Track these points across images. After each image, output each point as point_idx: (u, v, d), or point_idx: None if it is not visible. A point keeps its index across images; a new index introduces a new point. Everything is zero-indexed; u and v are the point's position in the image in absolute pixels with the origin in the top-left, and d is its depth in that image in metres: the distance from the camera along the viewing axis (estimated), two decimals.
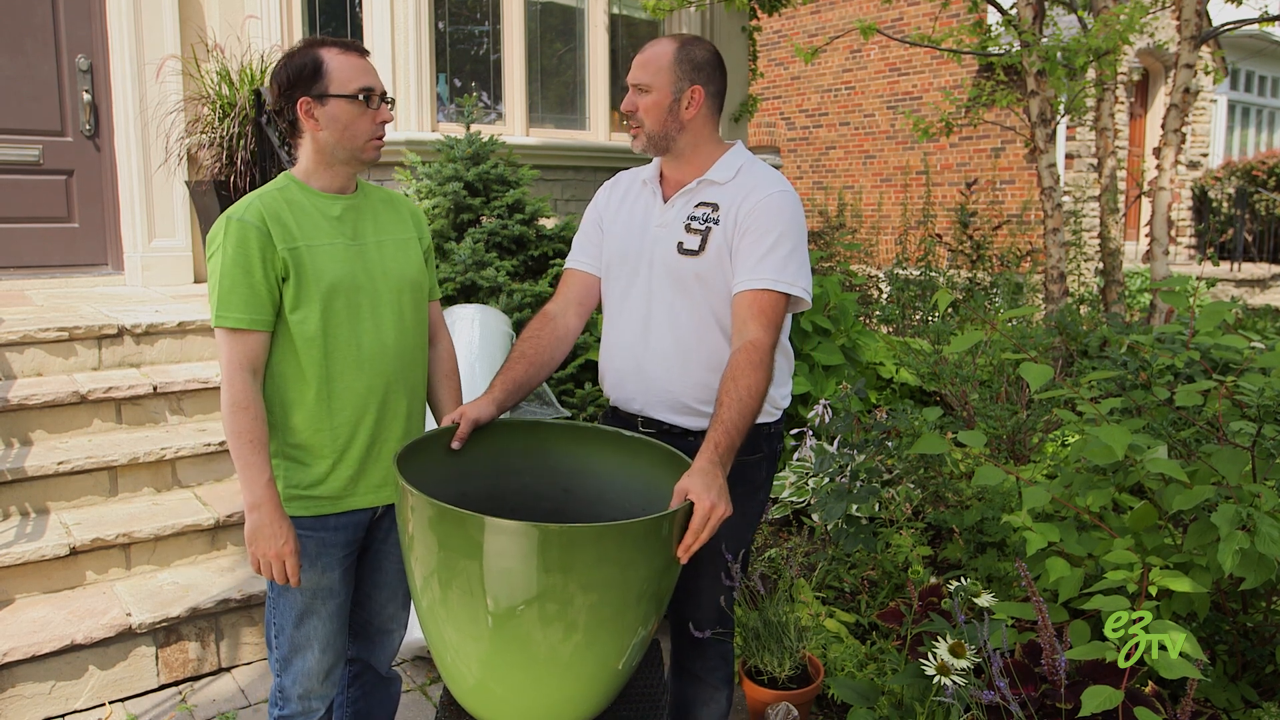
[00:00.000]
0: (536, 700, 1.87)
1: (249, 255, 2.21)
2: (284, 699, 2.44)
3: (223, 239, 2.22)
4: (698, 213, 2.41)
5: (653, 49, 2.42)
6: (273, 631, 2.41)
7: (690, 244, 2.39)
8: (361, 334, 2.35)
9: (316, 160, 2.36)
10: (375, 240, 2.42)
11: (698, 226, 2.40)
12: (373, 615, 2.60)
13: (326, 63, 2.29)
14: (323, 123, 2.30)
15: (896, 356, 5.91)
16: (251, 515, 2.22)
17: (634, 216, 2.52)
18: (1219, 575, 2.45)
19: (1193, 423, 3.09)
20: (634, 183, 2.60)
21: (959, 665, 2.37)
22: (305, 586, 2.36)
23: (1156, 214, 6.79)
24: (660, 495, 2.16)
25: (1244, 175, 14.41)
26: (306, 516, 2.34)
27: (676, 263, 2.40)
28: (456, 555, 1.75)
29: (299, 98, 2.29)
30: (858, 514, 3.87)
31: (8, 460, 3.83)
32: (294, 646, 2.40)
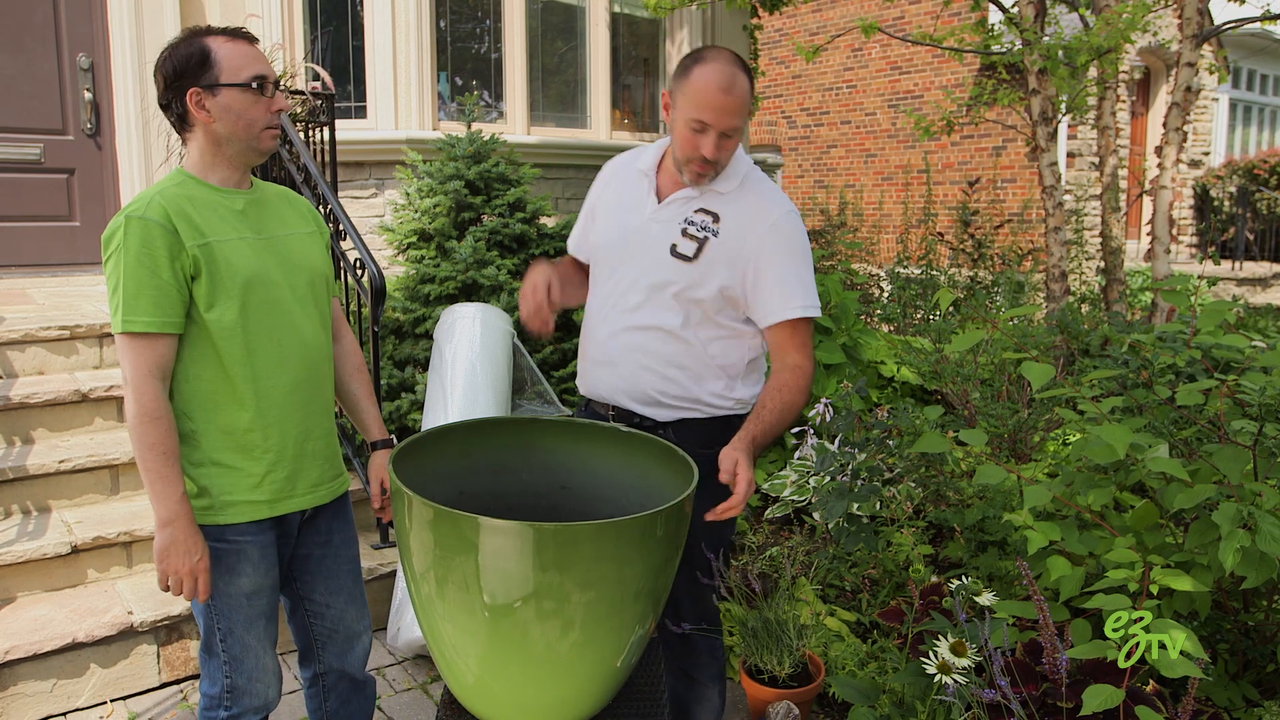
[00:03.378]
0: (536, 698, 1.87)
1: (155, 254, 2.10)
2: (233, 697, 2.36)
3: (123, 239, 2.10)
4: (696, 218, 2.40)
5: (739, 88, 2.25)
6: (216, 635, 2.32)
7: (685, 249, 2.39)
8: (281, 329, 2.29)
9: (212, 154, 2.26)
10: (282, 234, 2.36)
11: (695, 233, 2.39)
12: (337, 623, 2.56)
13: (214, 51, 2.18)
14: (215, 114, 2.20)
15: (898, 355, 5.91)
16: (164, 531, 2.14)
17: (627, 207, 2.51)
18: (1220, 574, 2.45)
19: (1194, 421, 3.09)
20: (628, 170, 2.56)
21: (960, 664, 2.37)
22: (251, 590, 2.32)
23: (1158, 213, 6.78)
24: (657, 491, 2.16)
25: (1245, 174, 14.40)
26: (247, 523, 2.28)
27: (667, 263, 2.40)
28: (453, 555, 1.76)
29: (188, 89, 2.18)
30: (859, 512, 3.87)
31: (9, 459, 3.83)
32: (245, 647, 2.34)
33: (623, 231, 2.49)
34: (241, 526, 2.27)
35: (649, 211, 2.45)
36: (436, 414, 3.85)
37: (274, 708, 2.45)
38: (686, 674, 2.67)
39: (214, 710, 2.38)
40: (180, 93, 2.18)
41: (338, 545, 2.53)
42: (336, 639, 2.57)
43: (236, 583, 2.29)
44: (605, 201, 2.59)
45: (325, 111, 4.85)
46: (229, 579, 2.28)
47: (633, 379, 2.48)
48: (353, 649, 2.60)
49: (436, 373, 3.91)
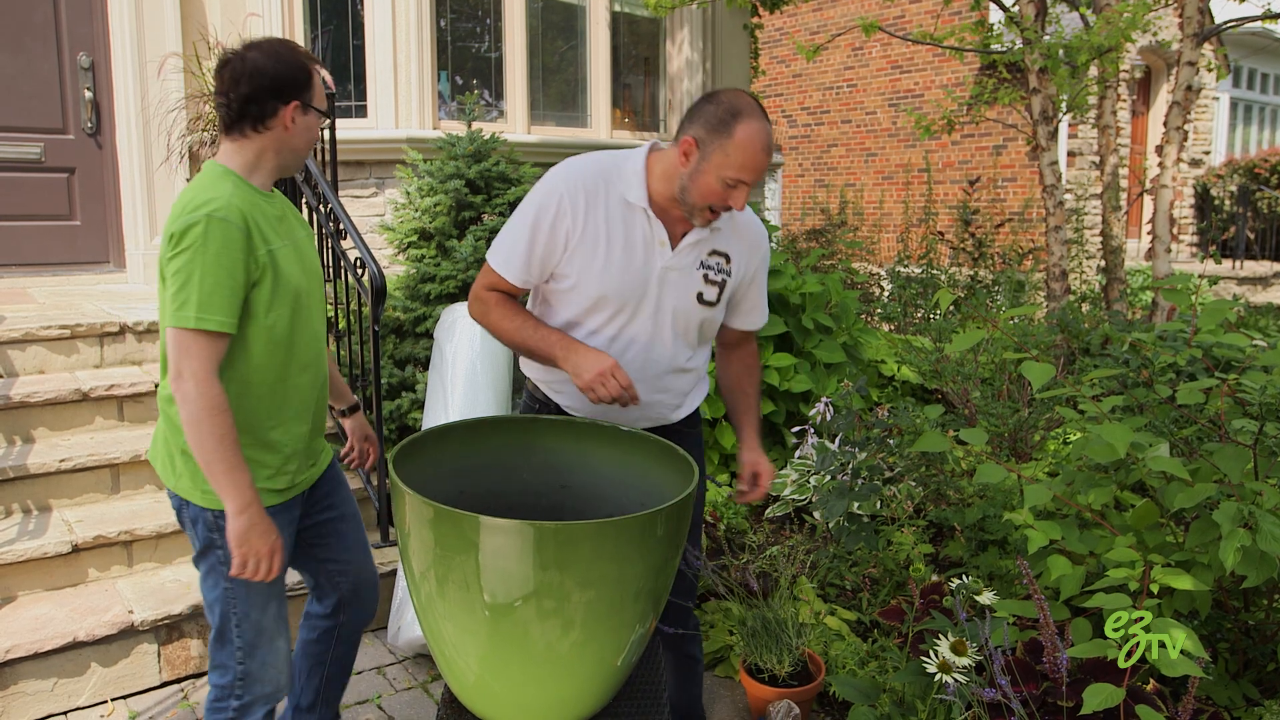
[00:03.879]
0: (536, 697, 1.87)
1: (233, 257, 2.18)
2: (245, 685, 2.43)
3: (203, 236, 2.15)
4: (711, 262, 2.44)
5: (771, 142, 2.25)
6: (232, 622, 2.39)
7: (709, 295, 2.46)
8: (309, 333, 2.42)
9: (265, 160, 2.35)
10: (301, 238, 2.47)
11: (715, 278, 2.45)
12: (359, 574, 2.73)
13: (314, 76, 2.34)
14: (298, 129, 2.33)
15: (898, 354, 5.91)
16: (242, 516, 2.21)
17: (632, 252, 2.36)
18: (1220, 573, 2.45)
19: (1195, 421, 3.09)
20: (609, 199, 2.36)
21: (960, 663, 2.37)
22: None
23: (1158, 212, 6.78)
24: (657, 490, 2.16)
25: (1246, 173, 14.39)
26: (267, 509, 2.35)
27: (694, 310, 2.46)
28: (454, 554, 1.76)
29: (292, 100, 2.29)
30: (859, 512, 3.87)
31: (10, 458, 3.83)
32: (260, 631, 2.42)
33: (635, 281, 2.38)
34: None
35: (665, 259, 2.38)
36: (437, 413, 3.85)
37: (283, 696, 2.52)
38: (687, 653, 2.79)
39: (225, 701, 2.44)
40: (280, 100, 2.28)
41: (341, 506, 2.68)
42: (360, 589, 2.74)
43: None
44: (591, 239, 2.35)
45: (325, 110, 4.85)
46: None
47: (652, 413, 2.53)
48: (372, 594, 2.79)
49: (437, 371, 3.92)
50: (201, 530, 2.36)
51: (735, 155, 2.20)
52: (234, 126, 2.32)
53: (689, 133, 2.25)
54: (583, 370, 2.23)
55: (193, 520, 2.37)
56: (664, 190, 2.34)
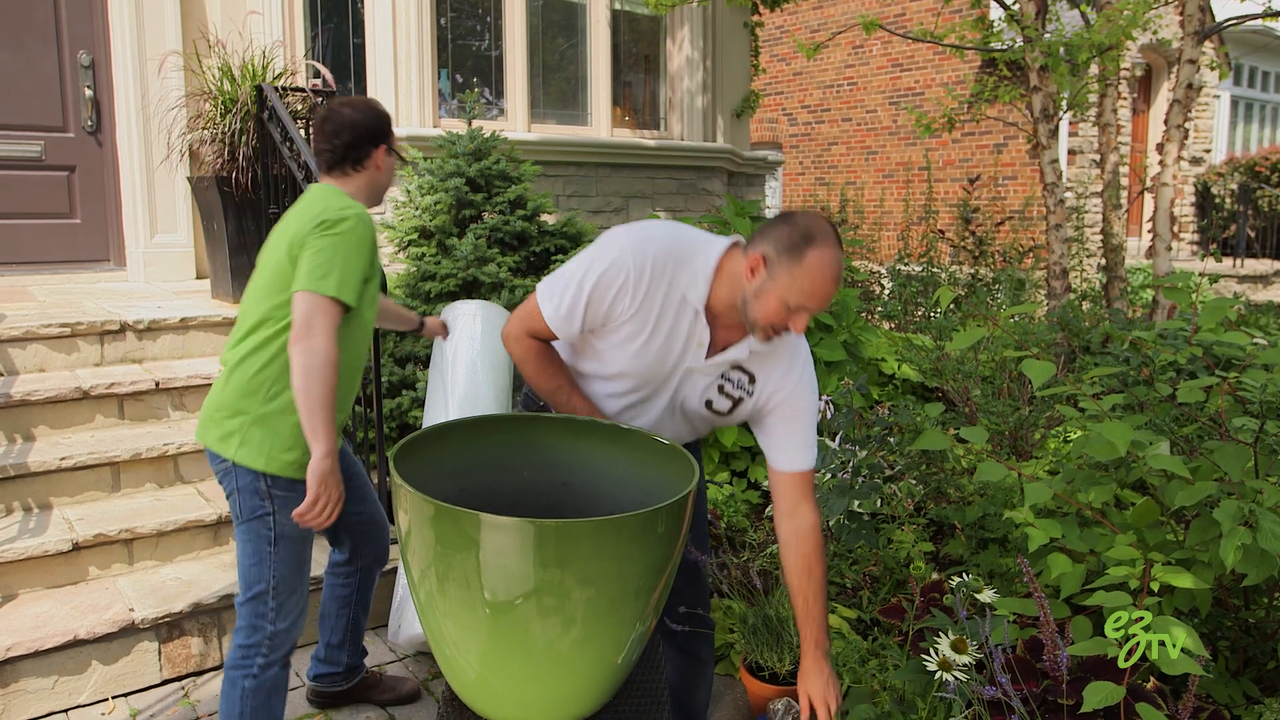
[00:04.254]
0: (537, 695, 1.87)
1: (365, 253, 2.66)
2: (273, 644, 2.69)
3: (356, 226, 2.62)
4: (733, 376, 2.37)
5: (841, 272, 2.18)
6: (269, 583, 2.67)
7: (720, 406, 2.41)
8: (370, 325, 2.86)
9: (361, 194, 2.83)
10: None
11: (731, 392, 2.38)
12: (372, 520, 3.17)
13: (392, 125, 2.89)
14: (385, 168, 2.87)
15: (898, 352, 5.91)
16: (327, 460, 2.53)
17: (668, 349, 2.33)
18: (1221, 571, 2.45)
19: (1195, 419, 3.09)
20: (670, 296, 2.28)
21: (961, 661, 2.37)
22: (305, 534, 2.73)
23: (1159, 210, 6.78)
24: (658, 489, 2.16)
25: (1247, 171, 14.38)
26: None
27: (698, 412, 2.44)
28: (454, 552, 1.76)
29: (383, 143, 2.84)
30: (860, 510, 3.87)
31: (11, 456, 3.83)
32: (292, 592, 2.72)
33: (664, 370, 2.36)
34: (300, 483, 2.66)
35: (694, 360, 2.35)
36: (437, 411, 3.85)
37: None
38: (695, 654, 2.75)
39: (251, 659, 2.68)
40: (375, 143, 2.82)
41: (351, 461, 3.11)
42: (373, 534, 3.18)
43: (300, 530, 2.70)
44: (640, 320, 2.29)
45: None
46: (294, 526, 2.68)
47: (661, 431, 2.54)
48: (384, 536, 3.22)
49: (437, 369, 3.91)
50: (249, 499, 2.64)
51: (803, 281, 2.12)
52: (336, 167, 2.81)
53: (759, 249, 2.17)
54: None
55: (244, 489, 2.65)
56: (726, 296, 2.26)
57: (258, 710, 2.68)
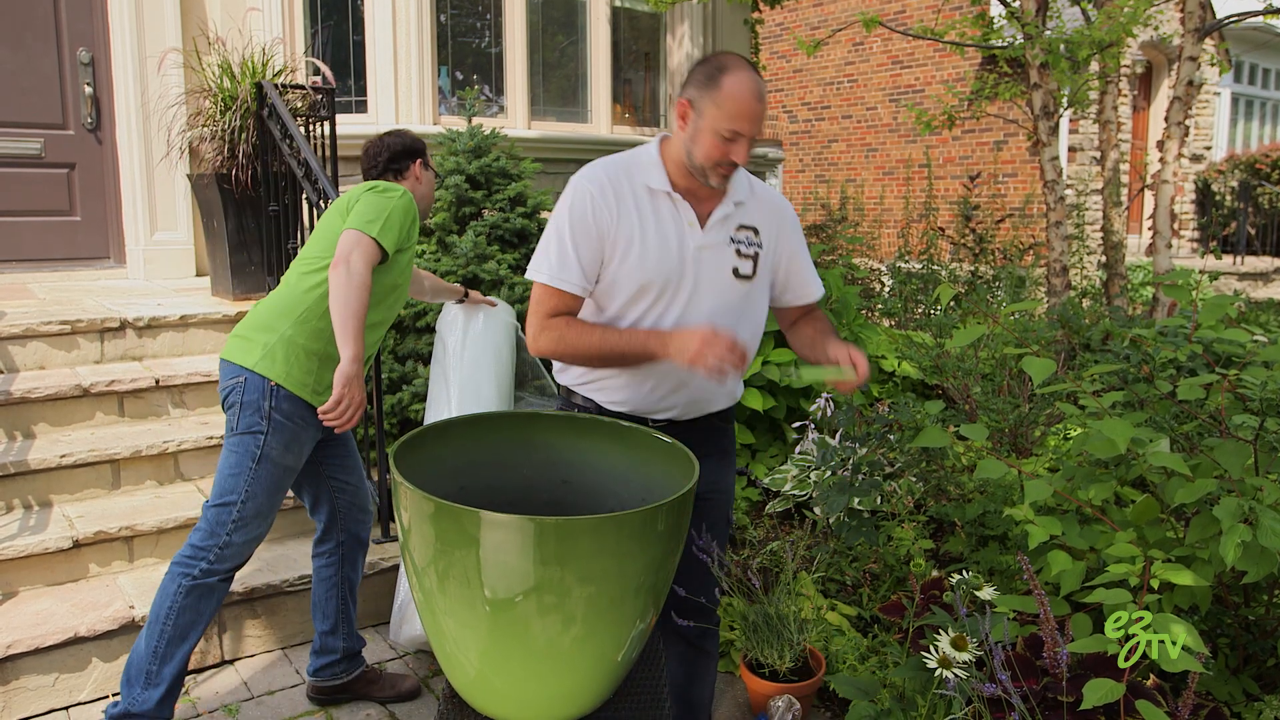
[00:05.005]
0: (537, 692, 1.87)
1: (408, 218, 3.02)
2: (222, 554, 2.88)
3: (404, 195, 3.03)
4: (740, 236, 2.45)
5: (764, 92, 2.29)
6: (240, 495, 2.86)
7: (745, 270, 2.46)
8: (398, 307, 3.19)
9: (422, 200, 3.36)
10: None
11: (746, 251, 2.46)
12: (355, 494, 3.30)
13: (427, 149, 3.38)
14: (423, 181, 3.35)
15: (898, 350, 5.90)
16: (353, 365, 2.76)
17: (664, 236, 2.38)
18: (1221, 568, 2.45)
19: (1195, 416, 3.09)
20: (635, 190, 2.39)
21: (960, 658, 2.37)
22: (288, 464, 2.93)
23: (1159, 207, 6.77)
24: (659, 486, 2.16)
25: (1247, 168, 14.38)
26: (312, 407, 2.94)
27: (731, 286, 2.45)
28: (454, 549, 1.75)
29: (418, 159, 3.32)
30: (859, 507, 3.87)
31: (11, 453, 3.83)
32: (258, 510, 2.90)
33: (671, 264, 2.38)
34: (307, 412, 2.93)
35: (697, 239, 2.40)
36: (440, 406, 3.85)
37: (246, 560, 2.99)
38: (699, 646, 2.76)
39: (197, 560, 2.87)
40: (411, 159, 3.32)
41: (347, 437, 3.30)
42: (355, 508, 3.30)
43: (287, 457, 2.92)
44: (627, 230, 2.37)
45: (326, 106, 4.84)
46: (283, 451, 2.90)
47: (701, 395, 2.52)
48: (366, 515, 3.35)
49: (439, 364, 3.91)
50: (250, 415, 2.86)
51: (727, 106, 2.24)
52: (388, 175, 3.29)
53: (684, 95, 2.32)
54: (687, 348, 2.21)
55: (248, 404, 2.86)
56: (681, 173, 2.39)
57: (186, 609, 2.86)
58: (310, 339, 2.94)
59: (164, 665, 2.86)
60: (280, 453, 2.90)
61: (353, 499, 3.30)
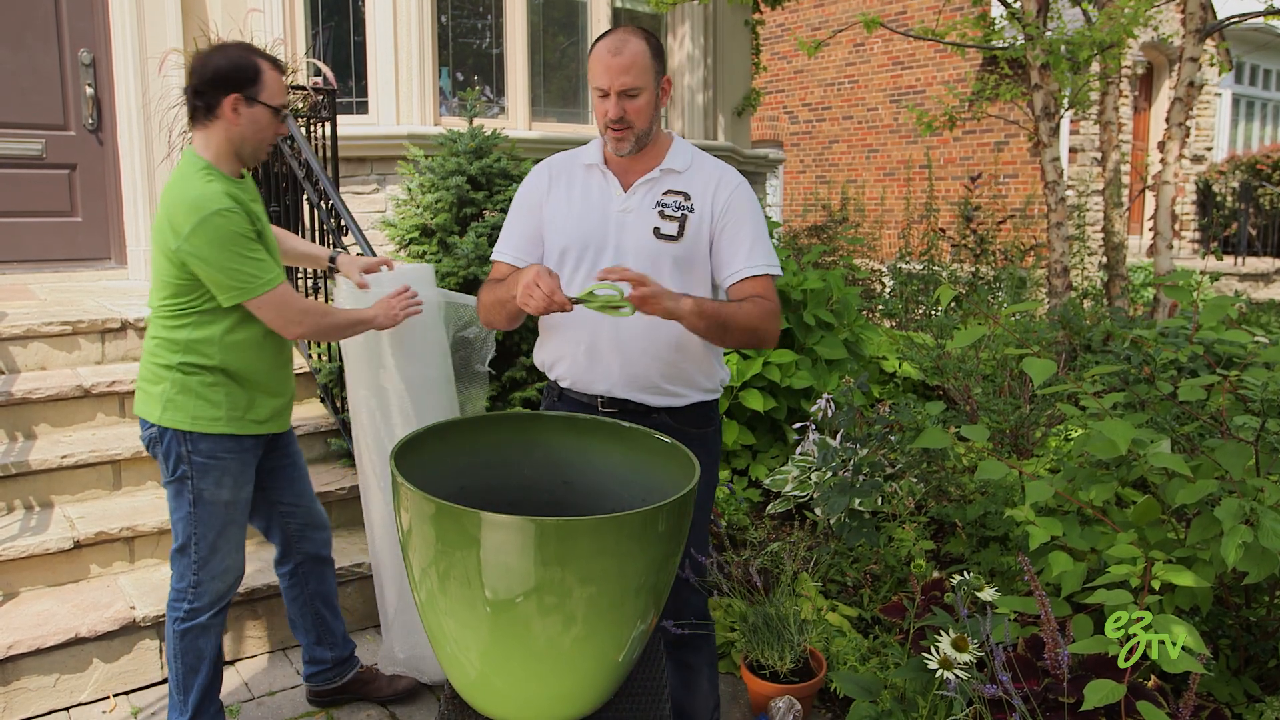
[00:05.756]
0: (538, 693, 1.87)
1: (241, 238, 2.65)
2: (197, 593, 2.85)
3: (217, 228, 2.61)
4: (668, 200, 2.49)
5: (630, 50, 2.39)
6: (193, 538, 2.82)
7: (668, 229, 2.47)
8: None
9: (226, 150, 2.73)
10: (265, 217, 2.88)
11: (672, 213, 2.48)
12: (307, 515, 3.20)
13: (265, 73, 2.69)
14: (243, 121, 2.69)
15: (899, 351, 5.90)
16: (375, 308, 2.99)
17: (589, 202, 2.54)
18: (1222, 569, 2.45)
19: (1196, 417, 3.08)
20: (572, 168, 2.60)
21: (961, 659, 2.37)
22: (226, 499, 2.83)
23: (1160, 208, 6.77)
24: (659, 487, 2.16)
25: (1248, 169, 14.37)
26: (234, 438, 2.82)
27: (653, 247, 2.46)
28: (455, 550, 1.75)
29: (231, 92, 2.65)
30: (860, 508, 3.87)
31: (12, 454, 3.83)
32: (213, 549, 2.84)
33: (592, 226, 2.51)
34: (227, 442, 2.80)
35: (617, 203, 2.51)
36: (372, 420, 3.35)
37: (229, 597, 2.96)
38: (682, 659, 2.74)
39: (180, 601, 2.87)
40: (222, 92, 2.65)
41: (294, 455, 3.16)
42: (308, 528, 3.21)
43: (221, 493, 2.82)
44: (555, 202, 2.58)
45: (327, 107, 4.85)
46: (215, 489, 2.80)
47: (639, 366, 2.50)
48: (321, 533, 3.26)
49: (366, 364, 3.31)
50: (173, 462, 2.78)
51: (591, 69, 2.44)
52: (193, 117, 2.72)
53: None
54: (516, 287, 2.32)
55: (167, 452, 2.78)
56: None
57: (186, 651, 2.89)
58: (201, 373, 2.77)
59: (187, 696, 2.92)
60: (213, 490, 2.81)
61: (305, 519, 3.20)
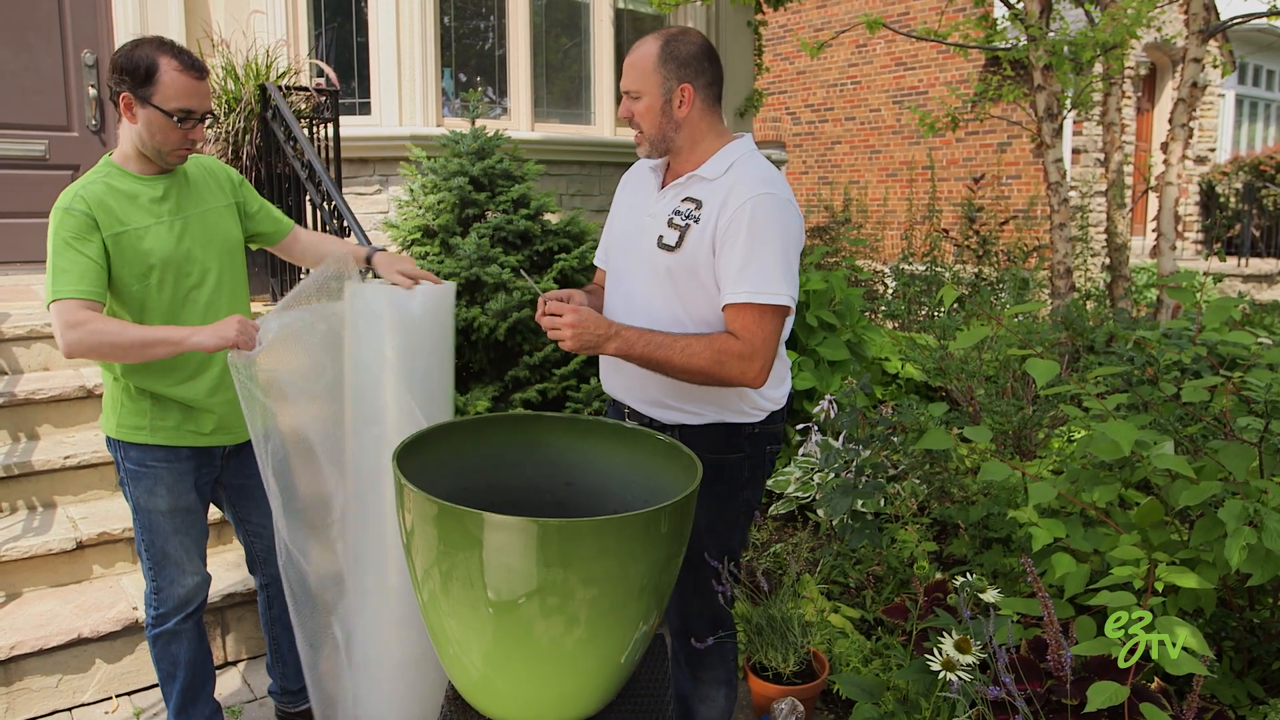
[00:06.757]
0: (540, 694, 1.87)
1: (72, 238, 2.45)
2: (160, 599, 2.81)
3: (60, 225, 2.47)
4: (682, 208, 2.39)
5: (637, 52, 2.39)
6: (143, 545, 2.78)
7: (669, 239, 2.39)
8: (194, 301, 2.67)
9: (131, 149, 2.59)
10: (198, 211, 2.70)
11: (679, 222, 2.38)
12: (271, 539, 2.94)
13: (161, 74, 2.47)
14: (139, 121, 2.52)
15: (902, 352, 5.90)
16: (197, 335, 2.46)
17: (633, 205, 2.56)
18: (1226, 571, 2.44)
19: (1199, 418, 3.07)
20: (644, 169, 2.60)
21: (964, 661, 2.36)
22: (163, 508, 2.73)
23: (1163, 209, 6.76)
24: (662, 488, 2.16)
25: (1252, 170, 14.35)
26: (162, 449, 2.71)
27: (654, 256, 2.41)
28: (457, 551, 1.75)
29: (123, 91, 2.49)
30: (863, 509, 3.86)
31: (15, 454, 3.84)
32: (165, 556, 2.77)
33: (630, 228, 2.54)
34: (158, 452, 2.70)
35: (650, 205, 2.49)
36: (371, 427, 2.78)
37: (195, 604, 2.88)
38: (694, 676, 2.68)
39: (148, 609, 2.85)
40: (119, 88, 2.49)
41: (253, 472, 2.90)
42: (274, 551, 2.92)
43: (156, 501, 2.73)
44: (620, 203, 2.66)
45: (329, 108, 4.85)
46: (148, 497, 2.72)
47: (640, 378, 2.47)
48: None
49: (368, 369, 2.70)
50: (118, 471, 2.76)
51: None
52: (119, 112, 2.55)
53: None
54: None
55: (114, 462, 2.76)
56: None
57: (161, 657, 2.87)
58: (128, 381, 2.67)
59: (168, 701, 2.93)
60: (147, 498, 2.73)
61: (270, 542, 2.99)
